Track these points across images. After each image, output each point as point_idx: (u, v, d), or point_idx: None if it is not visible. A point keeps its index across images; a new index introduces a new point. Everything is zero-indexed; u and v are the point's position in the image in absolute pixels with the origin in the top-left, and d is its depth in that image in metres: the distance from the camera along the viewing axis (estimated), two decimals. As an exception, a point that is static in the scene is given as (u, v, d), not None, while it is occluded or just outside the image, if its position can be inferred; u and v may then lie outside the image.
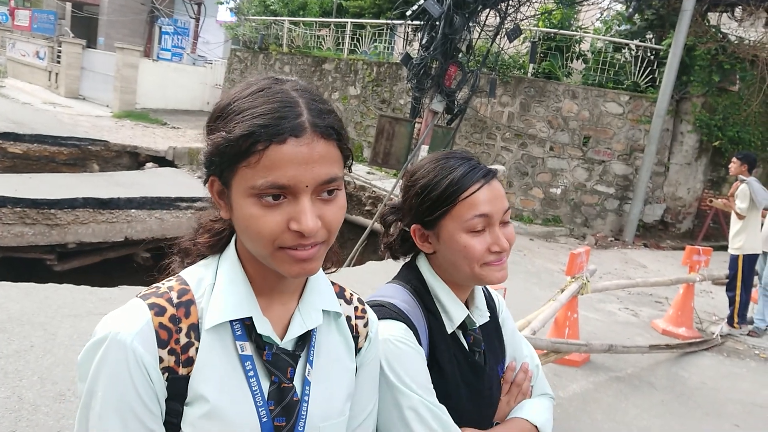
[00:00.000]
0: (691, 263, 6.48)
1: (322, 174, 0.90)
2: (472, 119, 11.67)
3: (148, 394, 0.88)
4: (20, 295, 4.58)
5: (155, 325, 0.89)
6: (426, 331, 1.31)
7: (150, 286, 0.97)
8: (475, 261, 1.28)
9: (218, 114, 0.94)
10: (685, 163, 11.21)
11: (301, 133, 0.88)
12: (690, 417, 4.53)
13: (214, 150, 0.91)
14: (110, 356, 0.87)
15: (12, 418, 3.10)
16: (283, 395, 0.97)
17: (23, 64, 24.03)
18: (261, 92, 0.91)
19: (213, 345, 0.93)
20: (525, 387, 1.45)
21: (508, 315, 1.55)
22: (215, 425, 0.91)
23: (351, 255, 8.36)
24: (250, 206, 0.89)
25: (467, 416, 1.31)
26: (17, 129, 12.10)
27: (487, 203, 1.28)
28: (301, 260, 0.91)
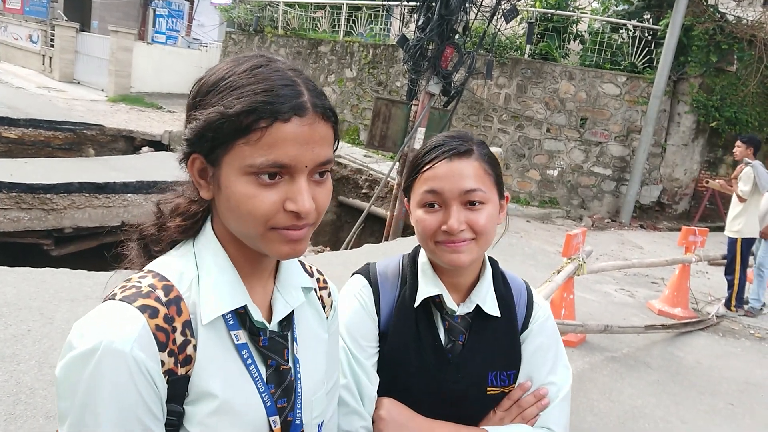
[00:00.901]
0: (687, 244, 6.50)
1: (321, 155, 0.89)
2: (469, 101, 11.62)
3: (154, 401, 0.84)
4: (17, 280, 4.58)
5: (152, 328, 0.84)
6: (394, 298, 1.34)
7: (122, 285, 0.89)
8: (426, 237, 1.27)
9: (209, 88, 0.90)
10: (682, 144, 11.20)
11: (304, 112, 0.87)
12: (685, 396, 4.57)
13: (206, 126, 0.87)
14: (107, 368, 0.79)
15: (10, 401, 3.11)
16: (282, 377, 0.98)
17: (16, 48, 23.81)
18: (258, 69, 0.89)
19: (210, 340, 0.91)
20: (528, 412, 1.31)
21: (543, 331, 1.39)
22: (225, 420, 0.90)
23: (348, 238, 8.36)
24: (245, 185, 0.86)
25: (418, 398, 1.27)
26: (11, 114, 12.02)
27: (440, 179, 1.24)
28: (292, 241, 0.90)
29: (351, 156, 12.00)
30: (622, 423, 4.02)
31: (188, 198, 1.00)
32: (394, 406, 1.27)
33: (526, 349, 1.37)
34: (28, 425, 2.95)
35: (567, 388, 1.36)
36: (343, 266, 6.08)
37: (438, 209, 1.26)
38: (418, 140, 8.41)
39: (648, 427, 4.03)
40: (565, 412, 1.34)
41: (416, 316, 1.31)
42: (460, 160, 1.26)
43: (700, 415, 4.31)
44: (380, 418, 1.25)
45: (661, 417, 4.19)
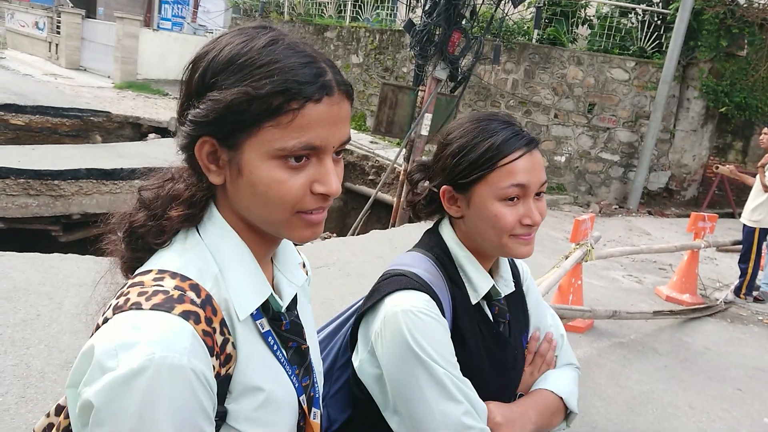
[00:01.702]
0: (696, 230, 6.46)
1: (345, 134, 0.87)
2: (476, 87, 11.55)
3: (211, 407, 0.79)
4: (26, 265, 4.61)
5: (200, 334, 0.78)
6: (450, 302, 1.26)
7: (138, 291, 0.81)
8: (504, 231, 1.23)
9: (223, 66, 0.84)
10: (691, 130, 11.11)
11: (333, 92, 0.84)
12: (693, 382, 4.56)
13: (227, 108, 0.81)
14: (166, 386, 0.73)
15: (20, 385, 3.14)
16: (303, 357, 0.99)
17: (23, 35, 23.82)
18: (275, 45, 0.84)
19: (245, 334, 0.89)
20: (549, 357, 1.41)
21: (532, 284, 1.51)
22: (270, 410, 0.89)
23: (355, 224, 8.36)
24: (272, 169, 0.82)
25: (491, 389, 1.27)
26: (19, 100, 12.04)
27: (526, 173, 1.22)
28: (314, 224, 0.88)
29: (357, 142, 11.97)
30: (630, 408, 4.01)
31: (187, 183, 0.92)
32: (500, 407, 1.26)
33: (529, 304, 1.47)
34: (39, 408, 2.97)
35: (561, 324, 1.52)
36: (350, 252, 6.08)
37: (516, 202, 1.23)
38: (425, 126, 8.37)
39: (656, 413, 4.02)
40: (569, 345, 1.49)
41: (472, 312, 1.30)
42: (536, 151, 1.27)
43: (708, 400, 4.30)
44: (499, 425, 1.23)
45: (669, 402, 4.18)
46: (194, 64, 0.87)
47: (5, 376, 3.19)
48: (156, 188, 0.93)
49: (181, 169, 0.94)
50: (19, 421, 2.87)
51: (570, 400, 1.35)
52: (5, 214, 8.02)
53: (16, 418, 2.89)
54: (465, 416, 1.16)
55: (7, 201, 7.98)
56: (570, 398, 1.35)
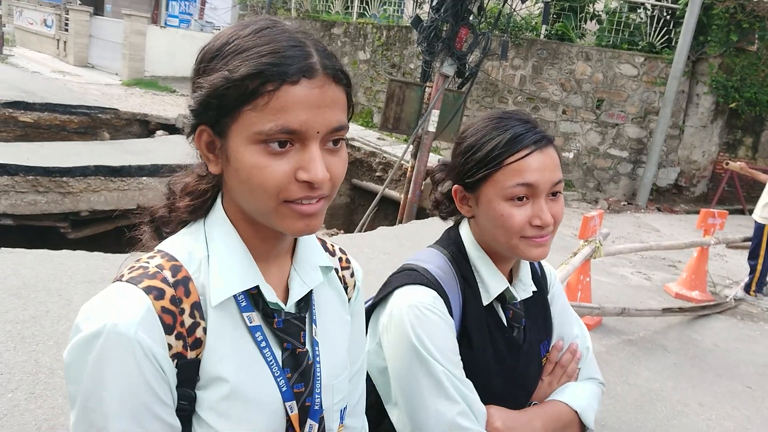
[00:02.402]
0: (705, 226, 6.41)
1: (333, 120, 0.84)
2: (484, 83, 11.51)
3: (161, 386, 0.80)
4: (35, 262, 4.62)
5: (157, 310, 0.80)
6: (459, 300, 1.25)
7: (131, 266, 0.86)
8: (513, 233, 1.19)
9: (213, 54, 0.85)
10: (701, 126, 11.03)
11: (314, 74, 0.82)
12: (702, 379, 4.53)
13: (211, 93, 0.82)
14: (112, 352, 0.77)
15: (30, 381, 3.15)
16: (298, 361, 0.94)
17: (31, 33, 23.93)
18: (263, 31, 0.84)
19: (221, 322, 0.87)
20: (571, 369, 1.35)
21: (560, 291, 1.45)
22: (237, 405, 0.86)
23: (362, 221, 8.35)
24: (254, 154, 0.81)
25: (497, 393, 1.24)
26: (27, 98, 12.09)
27: (534, 172, 1.17)
28: (306, 216, 0.85)
29: (364, 139, 11.96)
30: (639, 406, 3.99)
31: (197, 176, 0.95)
32: (502, 412, 1.23)
33: (554, 311, 1.41)
34: (48, 404, 2.99)
35: (588, 336, 1.44)
36: (357, 249, 6.08)
37: (526, 202, 1.19)
38: (432, 123, 8.35)
39: (665, 410, 4.00)
40: (595, 359, 1.41)
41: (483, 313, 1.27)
42: (548, 149, 1.21)
43: (717, 398, 4.28)
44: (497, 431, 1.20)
45: (679, 400, 4.16)
46: (197, 55, 0.89)
47: (15, 373, 3.20)
48: (179, 182, 0.98)
49: (199, 164, 0.97)
50: (29, 417, 2.88)
51: (586, 415, 1.28)
52: (14, 210, 8.06)
53: (26, 414, 2.90)
54: (460, 416, 1.15)
55: (16, 198, 8.02)
56: (586, 413, 1.29)
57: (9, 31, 24.74)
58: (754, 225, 6.54)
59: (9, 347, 3.43)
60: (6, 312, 3.81)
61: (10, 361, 3.29)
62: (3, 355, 3.35)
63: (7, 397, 2.99)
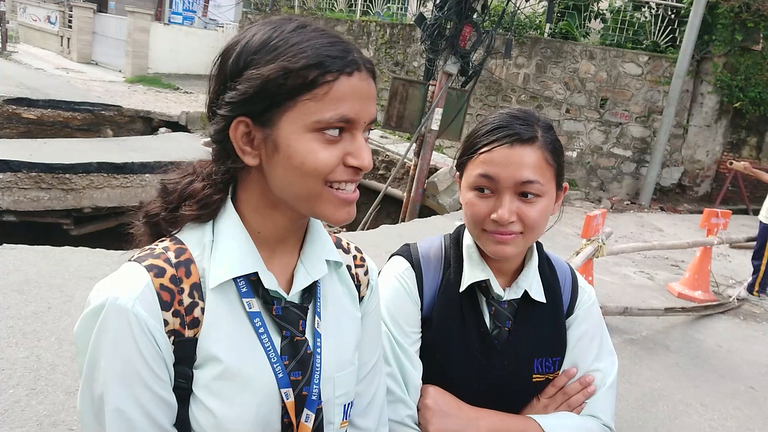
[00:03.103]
0: (709, 226, 6.39)
1: (373, 112, 0.91)
2: (487, 81, 11.49)
3: (155, 359, 0.84)
4: (37, 258, 4.63)
5: (156, 287, 0.85)
6: (438, 281, 1.28)
7: (143, 248, 0.92)
8: (474, 223, 1.22)
9: (257, 48, 0.87)
10: (705, 125, 10.99)
11: (360, 68, 0.88)
12: (705, 379, 4.52)
13: (264, 83, 0.84)
14: (111, 323, 0.82)
15: (31, 377, 3.15)
16: (296, 349, 0.95)
17: (35, 29, 23.97)
18: (304, 28, 0.89)
19: (219, 304, 0.90)
20: (574, 399, 1.26)
21: (588, 317, 1.34)
22: (230, 385, 0.88)
23: (365, 219, 8.35)
24: (310, 141, 0.85)
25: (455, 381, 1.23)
26: (31, 94, 12.11)
27: (496, 165, 1.17)
28: (349, 203, 0.91)
29: (367, 137, 11.94)
30: (641, 405, 3.98)
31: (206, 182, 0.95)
32: (440, 394, 1.22)
33: (571, 334, 1.32)
34: (49, 401, 2.99)
35: (613, 375, 1.31)
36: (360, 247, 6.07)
37: (490, 195, 1.19)
38: (436, 121, 8.34)
39: (667, 410, 3.99)
40: (612, 401, 1.29)
41: (461, 301, 1.26)
42: (522, 147, 1.18)
43: (720, 398, 4.26)
44: (426, 407, 1.20)
45: (681, 400, 4.14)
46: (225, 54, 0.91)
47: (16, 368, 3.21)
48: (175, 182, 0.98)
49: (203, 164, 0.98)
50: (30, 413, 2.88)
51: None
52: (17, 207, 8.07)
53: (27, 410, 2.91)
54: (388, 378, 1.17)
55: (19, 194, 8.03)
56: None
57: (13, 28, 24.78)
58: (760, 225, 6.51)
59: (11, 343, 3.44)
60: (8, 308, 3.81)
61: (11, 357, 3.30)
62: (5, 350, 3.36)
63: (8, 393, 3.00)
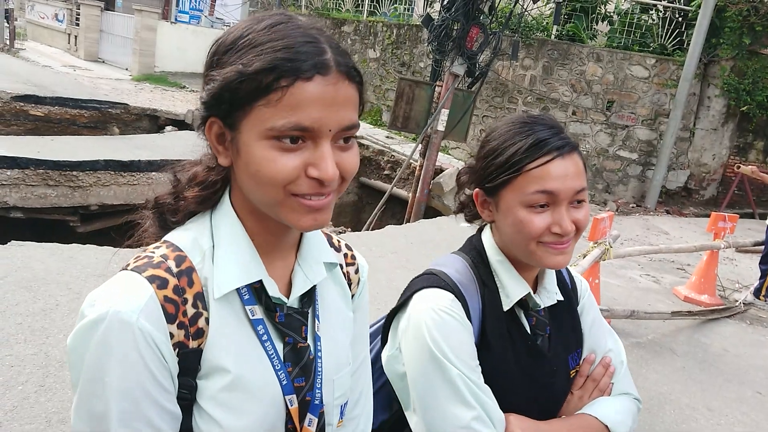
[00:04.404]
0: (716, 230, 6.37)
1: (345, 119, 0.83)
2: (494, 82, 11.48)
3: (162, 373, 0.81)
4: (45, 255, 4.64)
5: (160, 299, 0.82)
6: (479, 305, 1.23)
7: (137, 255, 0.88)
8: (531, 238, 1.17)
9: (227, 47, 0.85)
10: (711, 129, 10.96)
11: (328, 71, 0.81)
12: (711, 383, 4.51)
13: (224, 86, 0.82)
14: (114, 338, 0.78)
15: (40, 374, 3.16)
16: (299, 355, 0.94)
17: (43, 27, 24.04)
18: (278, 26, 0.84)
19: (223, 313, 0.88)
20: (603, 383, 1.31)
21: (591, 303, 1.42)
22: (237, 395, 0.87)
23: (370, 219, 8.35)
24: (265, 149, 0.81)
25: (518, 401, 1.22)
26: (38, 92, 12.14)
27: (555, 179, 1.15)
28: (314, 210, 0.85)
29: (373, 137, 11.95)
30: (647, 409, 3.97)
31: (206, 166, 0.95)
32: (522, 421, 1.20)
33: (584, 322, 1.38)
34: (57, 397, 3.00)
35: (623, 351, 1.40)
36: (365, 247, 6.07)
37: (546, 209, 1.17)
38: (442, 122, 8.33)
39: (674, 414, 3.98)
40: (629, 375, 1.38)
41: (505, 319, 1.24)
42: (570, 156, 1.18)
43: (727, 402, 4.25)
44: None
45: (687, 404, 4.13)
46: (209, 48, 0.90)
47: (25, 365, 3.22)
48: (185, 171, 0.98)
49: (207, 155, 0.97)
50: (39, 410, 2.89)
51: (618, 431, 1.24)
52: (24, 204, 8.10)
53: (36, 406, 2.92)
54: (475, 421, 1.13)
55: (27, 191, 8.06)
56: (618, 428, 1.24)
57: (21, 25, 24.85)
58: (767, 229, 6.49)
59: (19, 340, 3.45)
60: (17, 304, 3.83)
61: (20, 354, 3.31)
62: (14, 347, 3.37)
63: (18, 389, 3.01)
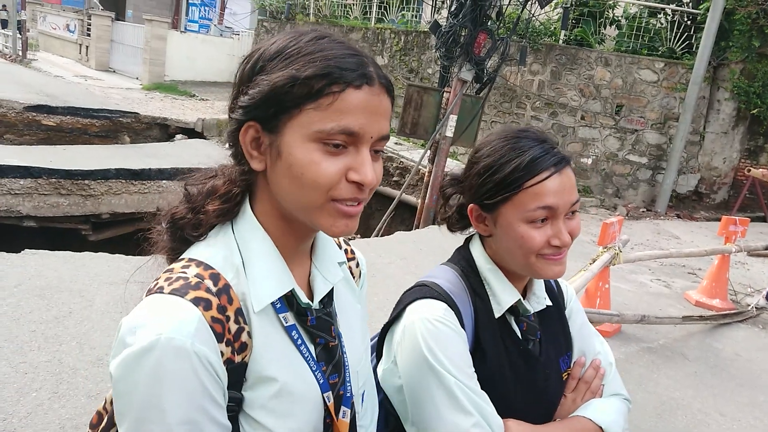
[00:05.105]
0: (727, 234, 6.34)
1: (384, 128, 0.89)
2: (502, 88, 11.49)
3: (217, 391, 0.83)
4: (58, 263, 4.69)
5: (208, 320, 0.83)
6: (471, 313, 1.25)
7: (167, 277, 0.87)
8: (531, 252, 1.20)
9: (273, 55, 0.88)
10: (722, 132, 10.91)
11: (373, 82, 0.87)
12: (723, 388, 4.48)
13: (272, 90, 0.85)
14: (170, 365, 0.78)
15: (53, 381, 3.20)
16: (332, 354, 0.99)
17: (54, 38, 24.30)
18: (322, 39, 0.89)
19: (263, 325, 0.91)
20: (594, 385, 1.34)
21: (578, 307, 1.45)
22: (286, 402, 0.91)
23: (379, 225, 8.37)
24: (311, 151, 0.85)
25: (515, 406, 1.24)
26: (50, 102, 12.28)
27: (554, 195, 1.18)
28: (348, 216, 0.89)
29: (382, 144, 11.96)
30: (658, 414, 3.96)
31: (226, 179, 0.96)
32: (521, 426, 1.22)
33: (573, 326, 1.41)
34: (71, 404, 3.03)
35: (611, 352, 1.42)
36: (374, 253, 6.09)
37: (545, 223, 1.20)
38: (450, 128, 8.34)
39: (686, 420, 3.96)
40: (619, 376, 1.41)
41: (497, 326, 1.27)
42: (566, 170, 1.22)
43: (739, 407, 4.22)
44: None
45: (699, 409, 4.11)
46: (246, 59, 0.93)
47: (39, 372, 3.25)
48: (199, 184, 0.99)
49: (224, 167, 0.99)
50: (53, 416, 2.92)
51: (612, 431, 1.27)
52: (37, 212, 8.19)
53: (50, 413, 2.95)
54: (474, 428, 1.14)
55: (39, 200, 8.15)
56: (612, 429, 1.27)
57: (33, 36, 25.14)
58: None
59: (33, 347, 3.49)
60: (30, 312, 3.87)
61: (34, 361, 3.35)
62: (27, 354, 3.41)
63: (32, 396, 3.04)
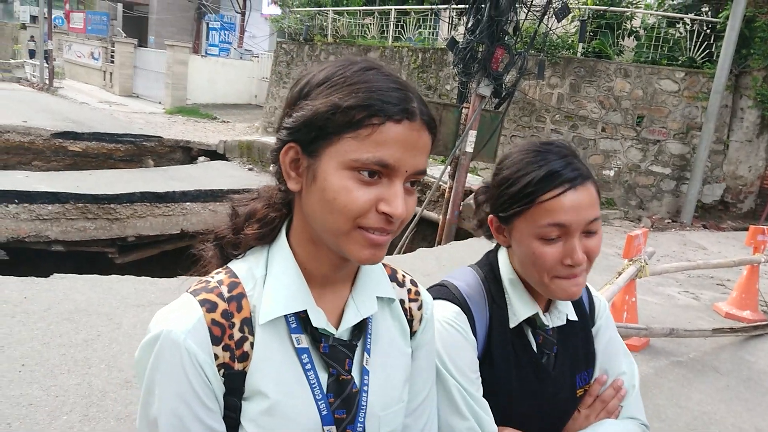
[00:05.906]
0: (755, 243, 6.22)
1: (420, 163, 0.90)
2: (521, 102, 11.48)
3: (204, 391, 0.87)
4: (86, 287, 4.77)
5: (207, 321, 0.88)
6: (486, 320, 1.24)
7: (200, 279, 0.95)
8: (543, 271, 1.18)
9: (320, 82, 0.91)
10: (746, 140, 10.75)
11: (414, 118, 0.88)
12: (757, 402, 4.37)
13: (314, 115, 0.88)
14: (164, 355, 0.86)
15: (83, 403, 3.24)
16: (342, 387, 0.96)
17: (79, 65, 24.89)
18: (370, 71, 0.90)
19: (268, 339, 0.92)
20: (612, 405, 1.30)
21: (608, 323, 1.41)
22: (276, 420, 0.90)
23: (401, 242, 8.37)
24: (344, 179, 0.86)
25: (518, 416, 1.23)
26: (76, 128, 12.56)
27: (567, 212, 1.14)
28: (375, 245, 0.89)
29: (402, 161, 11.99)
30: (692, 430, 3.87)
31: (266, 202, 0.99)
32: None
33: (598, 343, 1.37)
34: (101, 427, 3.06)
35: (637, 375, 1.38)
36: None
37: (558, 241, 1.16)
38: (470, 143, 8.35)
39: (719, 435, 3.87)
40: (641, 400, 1.35)
41: (511, 336, 1.26)
42: (583, 186, 1.17)
43: (775, 422, 4.12)
44: None
45: (733, 424, 4.02)
46: (296, 84, 0.95)
47: (69, 395, 3.30)
48: (243, 205, 1.02)
49: (266, 188, 1.02)
50: (83, 439, 2.96)
51: None
52: (65, 237, 8.34)
53: (80, 436, 2.98)
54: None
55: (67, 225, 8.30)
56: None
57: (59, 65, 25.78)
58: None
59: (63, 370, 3.54)
60: (60, 336, 3.93)
61: (64, 384, 3.39)
62: (57, 377, 3.46)
63: (63, 420, 3.08)
